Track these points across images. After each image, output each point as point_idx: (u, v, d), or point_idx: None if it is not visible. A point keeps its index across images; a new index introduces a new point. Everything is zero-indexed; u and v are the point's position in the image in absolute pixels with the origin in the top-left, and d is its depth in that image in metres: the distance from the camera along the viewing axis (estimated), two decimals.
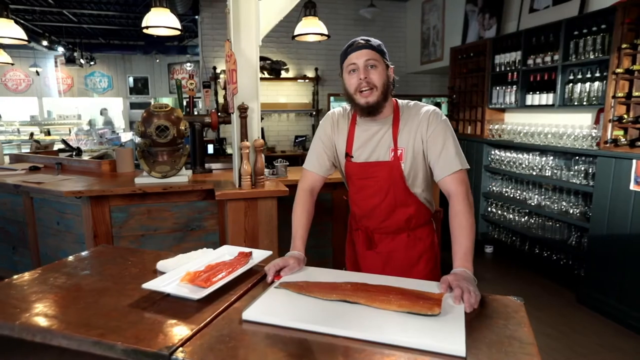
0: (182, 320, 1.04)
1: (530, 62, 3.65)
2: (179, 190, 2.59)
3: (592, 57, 3.12)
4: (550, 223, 3.53)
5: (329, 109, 6.56)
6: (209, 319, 1.04)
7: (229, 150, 5.62)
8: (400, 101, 1.51)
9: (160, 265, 1.35)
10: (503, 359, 0.89)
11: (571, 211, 3.35)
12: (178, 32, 2.78)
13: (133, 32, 9.52)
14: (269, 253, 1.44)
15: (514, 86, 3.84)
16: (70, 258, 1.51)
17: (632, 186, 2.77)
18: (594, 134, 3.14)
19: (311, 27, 3.08)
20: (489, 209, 4.27)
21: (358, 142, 1.49)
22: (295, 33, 3.16)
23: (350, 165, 1.52)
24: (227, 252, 1.46)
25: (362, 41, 1.39)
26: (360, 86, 1.38)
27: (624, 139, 2.82)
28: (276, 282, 1.24)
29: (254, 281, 1.27)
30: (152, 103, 11.92)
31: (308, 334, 0.98)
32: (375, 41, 1.41)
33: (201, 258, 1.38)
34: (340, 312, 1.05)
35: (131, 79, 12.14)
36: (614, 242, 2.89)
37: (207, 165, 3.17)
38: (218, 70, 5.72)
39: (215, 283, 1.18)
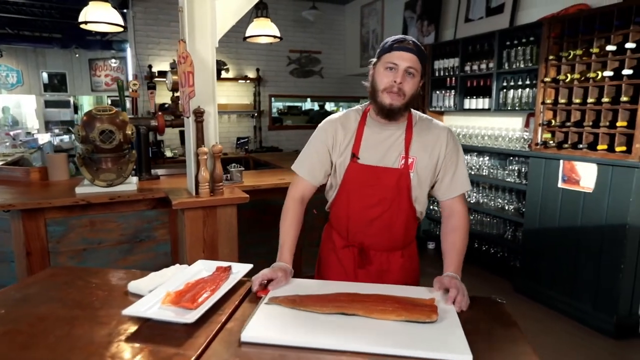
0: (176, 348, 0.96)
1: (467, 68, 3.90)
2: (127, 199, 2.40)
3: (522, 66, 3.41)
4: (488, 219, 3.81)
5: (270, 110, 6.49)
6: (204, 344, 0.97)
7: (167, 154, 5.34)
8: (413, 110, 1.45)
9: (133, 286, 1.24)
10: None
11: (507, 207, 3.63)
12: (121, 29, 2.57)
13: (47, 23, 8.63)
14: (249, 266, 1.38)
15: (453, 91, 4.07)
16: (20, 284, 1.33)
17: (560, 184, 3.07)
18: (525, 137, 3.43)
19: (263, 29, 3.02)
20: (431, 207, 4.49)
21: (366, 144, 1.40)
22: (247, 34, 3.07)
23: (354, 168, 1.40)
24: (204, 268, 1.38)
25: (411, 43, 1.31)
26: (391, 88, 1.31)
27: (552, 142, 3.11)
28: (265, 297, 1.19)
29: (239, 298, 1.22)
30: (72, 100, 10.92)
31: (314, 352, 0.95)
32: (422, 48, 1.34)
33: (177, 276, 1.29)
34: (341, 326, 1.04)
35: (45, 75, 11.04)
36: (545, 235, 3.19)
37: (152, 171, 2.97)
38: (154, 69, 5.42)
39: (203, 303, 1.11)
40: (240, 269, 1.36)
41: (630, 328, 2.81)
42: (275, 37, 3.08)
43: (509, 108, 3.56)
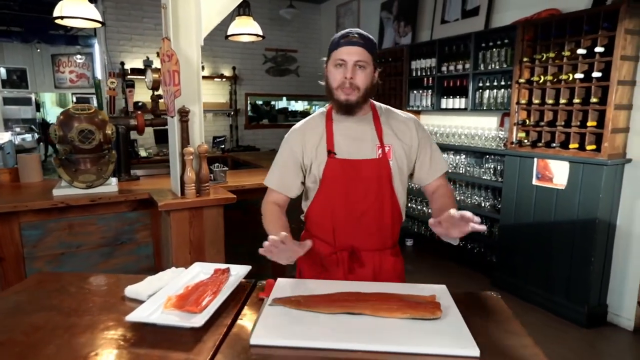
0: (185, 353, 0.94)
1: (444, 69, 3.99)
2: (108, 201, 2.33)
3: (497, 67, 3.52)
4: None
5: (246, 109, 6.42)
6: (214, 348, 0.97)
7: (142, 153, 5.19)
8: (374, 102, 1.46)
9: (131, 291, 1.21)
10: (509, 354, 0.97)
11: (483, 204, 3.75)
12: (99, 25, 2.48)
13: (5, 15, 8.20)
14: (248, 268, 1.37)
15: (430, 90, 4.16)
16: (5, 292, 1.27)
17: (534, 181, 3.19)
18: (501, 136, 3.55)
19: (245, 27, 2.98)
20: (409, 204, 4.57)
21: (339, 139, 1.39)
22: (229, 33, 3.03)
23: (333, 164, 1.37)
24: (201, 270, 1.36)
25: (356, 36, 1.31)
26: (343, 84, 1.32)
27: (526, 141, 3.23)
28: (267, 299, 1.19)
29: (241, 300, 1.21)
30: (34, 98, 10.44)
31: (325, 352, 0.96)
32: (369, 38, 1.33)
33: (175, 279, 1.27)
34: (349, 325, 1.05)
35: (3, 70, 10.47)
36: (520, 231, 3.31)
37: (132, 172, 2.89)
38: (127, 67, 5.25)
39: (208, 306, 1.09)
40: (239, 271, 1.35)
41: (600, 317, 2.97)
42: (257, 35, 3.06)
43: (484, 108, 3.67)
